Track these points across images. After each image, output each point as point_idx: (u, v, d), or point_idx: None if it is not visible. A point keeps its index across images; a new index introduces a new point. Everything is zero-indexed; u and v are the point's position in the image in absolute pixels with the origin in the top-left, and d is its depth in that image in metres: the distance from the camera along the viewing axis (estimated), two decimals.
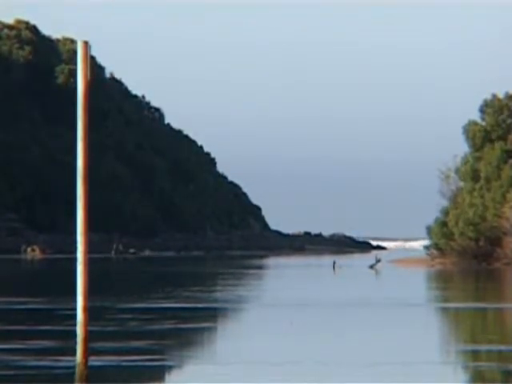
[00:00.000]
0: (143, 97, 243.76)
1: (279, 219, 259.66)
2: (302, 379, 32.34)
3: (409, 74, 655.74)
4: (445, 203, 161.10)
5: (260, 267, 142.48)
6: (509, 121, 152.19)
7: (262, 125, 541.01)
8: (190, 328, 49.02)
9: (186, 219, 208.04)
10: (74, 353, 25.97)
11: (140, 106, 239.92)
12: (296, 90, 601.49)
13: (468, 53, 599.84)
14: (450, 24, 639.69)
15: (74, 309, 26.20)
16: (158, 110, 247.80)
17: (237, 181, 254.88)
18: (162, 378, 32.39)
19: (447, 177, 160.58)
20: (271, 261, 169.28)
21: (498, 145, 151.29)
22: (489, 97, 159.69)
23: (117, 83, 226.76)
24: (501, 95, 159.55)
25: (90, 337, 26.15)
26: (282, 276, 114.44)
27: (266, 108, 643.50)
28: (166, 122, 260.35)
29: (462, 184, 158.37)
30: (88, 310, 25.89)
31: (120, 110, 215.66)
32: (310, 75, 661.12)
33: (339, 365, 37.89)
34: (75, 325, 25.94)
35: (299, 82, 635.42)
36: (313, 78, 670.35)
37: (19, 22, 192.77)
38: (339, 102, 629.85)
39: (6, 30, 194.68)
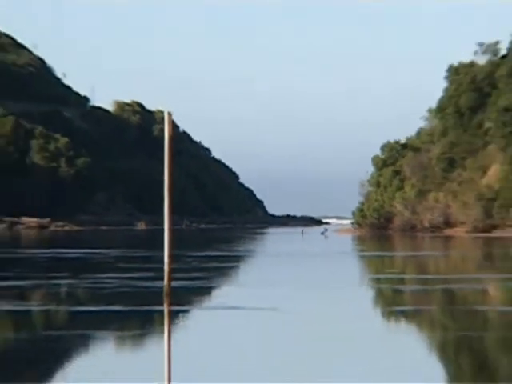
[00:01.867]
0: (200, 142, 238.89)
1: (273, 208, 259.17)
2: (293, 287, 34.09)
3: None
4: (361, 199, 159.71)
5: (262, 233, 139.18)
6: (396, 156, 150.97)
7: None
8: (225, 266, 49.19)
9: (223, 209, 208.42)
10: (162, 279, 26.60)
11: (196, 145, 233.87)
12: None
13: (369, 105, 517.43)
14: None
15: (163, 255, 26.76)
16: (207, 148, 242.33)
17: (250, 186, 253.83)
18: (209, 293, 32.18)
19: (362, 184, 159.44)
20: (268, 230, 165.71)
21: (390, 168, 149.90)
22: (385, 142, 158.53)
23: (185, 134, 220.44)
24: (392, 140, 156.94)
25: (171, 271, 26.77)
26: (274, 238, 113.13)
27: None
28: (212, 155, 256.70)
29: (370, 189, 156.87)
30: (170, 256, 26.37)
31: (187, 149, 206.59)
32: None
33: (306, 281, 37.63)
34: (163, 264, 26.65)
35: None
36: None
37: (134, 102, 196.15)
38: None
39: (126, 107, 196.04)
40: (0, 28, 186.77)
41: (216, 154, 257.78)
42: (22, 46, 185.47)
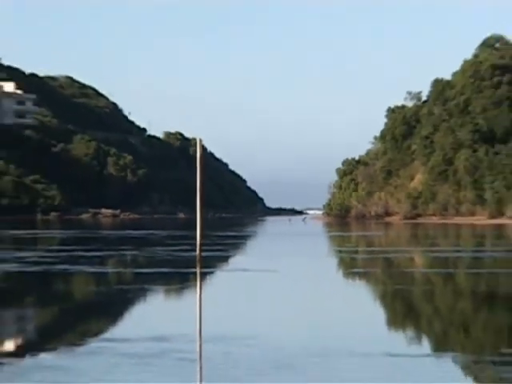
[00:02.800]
0: (221, 159, 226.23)
1: (269, 202, 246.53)
2: (284, 255, 33.84)
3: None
4: (329, 196, 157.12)
5: (262, 220, 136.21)
6: (352, 168, 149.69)
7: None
8: (238, 242, 48.61)
9: (235, 204, 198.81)
10: (195, 250, 26.14)
11: (218, 161, 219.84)
12: None
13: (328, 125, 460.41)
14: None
15: (195, 235, 26.11)
16: (225, 163, 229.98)
17: (254, 188, 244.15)
18: (227, 260, 31.82)
19: (330, 187, 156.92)
20: (266, 218, 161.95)
21: (348, 176, 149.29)
22: (345, 158, 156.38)
23: (211, 154, 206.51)
24: (350, 157, 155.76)
25: (201, 244, 26.31)
26: (270, 223, 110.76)
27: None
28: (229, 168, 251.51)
29: (335, 190, 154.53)
30: (201, 235, 25.78)
31: (212, 164, 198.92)
32: None
33: (292, 251, 37.62)
34: (196, 240, 26.05)
35: None
36: None
37: (176, 132, 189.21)
38: None
39: (171, 135, 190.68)
40: (85, 81, 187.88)
41: (232, 166, 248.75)
42: (100, 95, 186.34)
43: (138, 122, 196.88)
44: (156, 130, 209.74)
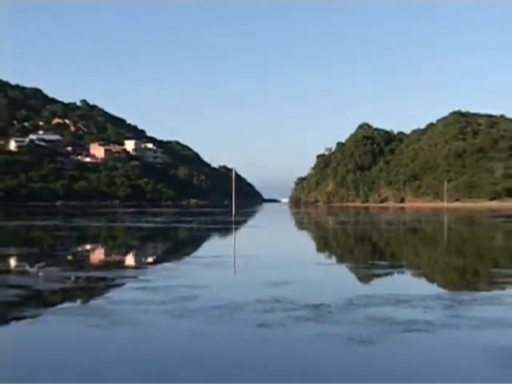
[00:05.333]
0: (244, 177, 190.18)
1: (265, 195, 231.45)
2: (271, 220, 31.90)
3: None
4: (291, 192, 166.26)
5: (261, 205, 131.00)
6: (301, 181, 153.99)
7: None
8: (250, 214, 46.65)
9: (248, 197, 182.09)
10: (231, 217, 26.08)
11: (241, 178, 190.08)
12: None
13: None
14: None
15: (232, 211, 26.49)
16: (244, 179, 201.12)
17: (257, 188, 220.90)
18: (246, 222, 28.63)
19: (292, 188, 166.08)
20: (263, 204, 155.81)
21: (299, 185, 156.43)
22: (298, 177, 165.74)
23: (238, 175, 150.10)
24: (299, 176, 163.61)
25: (235, 215, 26.49)
26: (265, 207, 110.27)
27: None
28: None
29: (294, 191, 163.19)
30: (235, 210, 25.54)
31: (238, 180, 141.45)
32: None
33: (275, 219, 34.40)
34: (232, 212, 26.17)
35: None
36: None
37: (224, 165, 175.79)
38: None
39: (222, 168, 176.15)
40: (183, 141, 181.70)
41: (248, 179, 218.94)
42: (188, 148, 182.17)
43: (206, 160, 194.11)
44: (214, 163, 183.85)
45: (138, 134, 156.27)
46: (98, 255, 12.03)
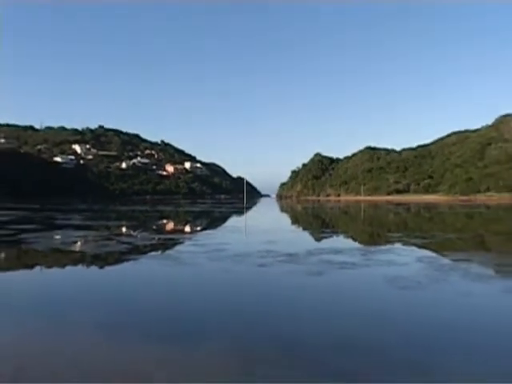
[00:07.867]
0: (250, 182, 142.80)
1: (263, 190, 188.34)
2: (264, 208, 26.82)
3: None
4: (278, 190, 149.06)
5: (259, 199, 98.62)
6: (284, 186, 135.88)
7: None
8: (253, 204, 41.31)
9: (251, 194, 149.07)
10: (243, 204, 24.06)
11: (248, 182, 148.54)
12: None
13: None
14: None
15: (243, 202, 24.60)
16: (250, 183, 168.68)
17: (257, 187, 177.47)
18: (252, 207, 25.06)
19: (278, 188, 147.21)
20: (260, 198, 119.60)
21: (283, 186, 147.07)
22: (282, 182, 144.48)
23: (246, 181, 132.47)
24: (281, 181, 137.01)
25: (246, 203, 23.59)
26: (262, 200, 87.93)
27: None
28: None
29: (281, 190, 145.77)
30: (246, 202, 22.75)
31: (248, 184, 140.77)
32: None
33: (267, 207, 28.45)
34: (244, 202, 23.91)
35: None
36: None
37: (241, 176, 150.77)
38: None
39: (238, 178, 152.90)
40: (218, 162, 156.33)
41: (250, 181, 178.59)
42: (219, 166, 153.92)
43: (228, 171, 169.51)
44: (234, 174, 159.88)
45: (192, 158, 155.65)
46: (169, 226, 11.76)
